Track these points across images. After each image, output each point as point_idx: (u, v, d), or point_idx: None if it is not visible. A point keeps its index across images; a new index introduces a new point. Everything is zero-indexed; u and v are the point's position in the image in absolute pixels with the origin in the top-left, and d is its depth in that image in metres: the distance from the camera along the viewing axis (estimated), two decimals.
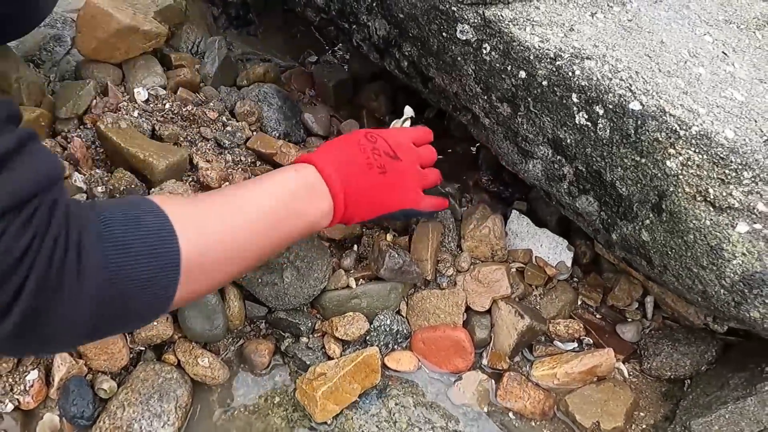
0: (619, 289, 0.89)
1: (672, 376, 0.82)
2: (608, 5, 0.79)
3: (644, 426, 0.78)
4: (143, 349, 0.75)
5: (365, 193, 0.66)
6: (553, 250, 0.92)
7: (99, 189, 0.82)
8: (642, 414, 0.80)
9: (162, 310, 0.47)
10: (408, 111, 0.86)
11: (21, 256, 0.36)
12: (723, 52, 0.80)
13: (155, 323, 0.74)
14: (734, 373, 0.76)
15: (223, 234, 0.50)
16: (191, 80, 1.00)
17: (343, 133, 1.08)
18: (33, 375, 0.68)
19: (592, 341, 0.86)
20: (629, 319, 0.88)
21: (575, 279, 0.92)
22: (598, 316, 0.89)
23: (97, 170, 0.85)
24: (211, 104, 0.99)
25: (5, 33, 0.88)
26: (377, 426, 0.73)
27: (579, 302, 0.90)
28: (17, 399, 0.68)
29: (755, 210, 0.61)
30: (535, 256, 0.91)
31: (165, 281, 0.44)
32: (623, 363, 0.84)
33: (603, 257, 0.91)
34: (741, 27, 0.89)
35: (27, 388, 0.68)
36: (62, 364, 0.69)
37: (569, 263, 0.91)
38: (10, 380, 0.68)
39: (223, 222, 0.51)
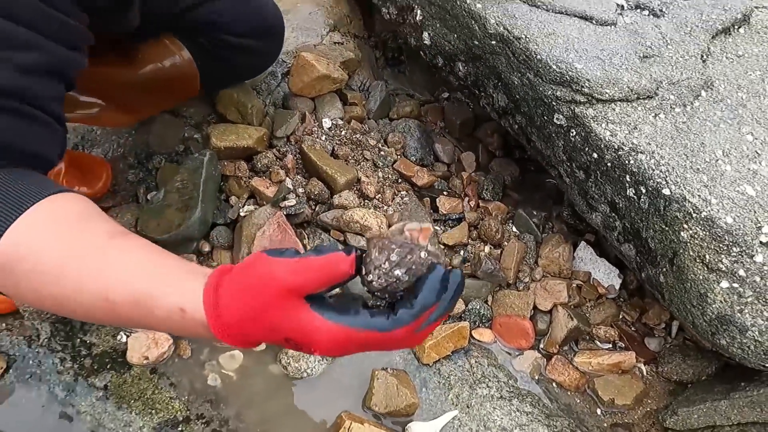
0: (652, 311, 1.20)
1: (678, 380, 1.13)
2: (671, 107, 1.09)
3: (648, 409, 1.10)
4: None
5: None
6: (607, 276, 1.24)
7: (300, 190, 1.24)
8: (649, 401, 1.11)
9: None
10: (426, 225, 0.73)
11: None
12: (756, 152, 1.07)
13: None
14: (721, 384, 1.06)
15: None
16: (360, 115, 1.40)
17: (463, 163, 1.44)
18: None
19: (623, 345, 1.18)
20: (656, 335, 1.19)
21: (621, 299, 1.24)
22: (632, 329, 1.21)
23: (298, 176, 1.27)
24: (372, 134, 1.39)
25: (254, 73, 1.32)
26: (460, 372, 1.11)
27: (620, 316, 1.22)
28: None
29: (736, 274, 0.91)
30: (593, 278, 1.24)
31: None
32: (644, 365, 1.16)
33: (646, 287, 1.22)
34: None
35: None
36: None
37: (617, 287, 1.22)
38: None
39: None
